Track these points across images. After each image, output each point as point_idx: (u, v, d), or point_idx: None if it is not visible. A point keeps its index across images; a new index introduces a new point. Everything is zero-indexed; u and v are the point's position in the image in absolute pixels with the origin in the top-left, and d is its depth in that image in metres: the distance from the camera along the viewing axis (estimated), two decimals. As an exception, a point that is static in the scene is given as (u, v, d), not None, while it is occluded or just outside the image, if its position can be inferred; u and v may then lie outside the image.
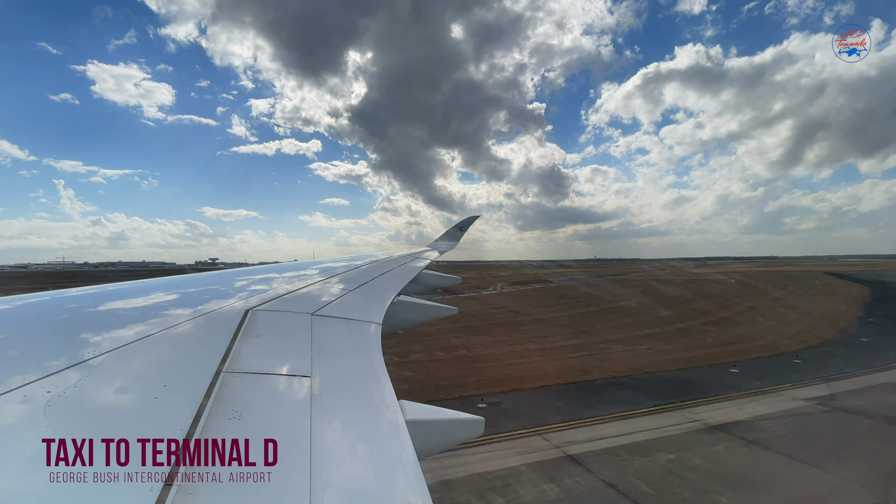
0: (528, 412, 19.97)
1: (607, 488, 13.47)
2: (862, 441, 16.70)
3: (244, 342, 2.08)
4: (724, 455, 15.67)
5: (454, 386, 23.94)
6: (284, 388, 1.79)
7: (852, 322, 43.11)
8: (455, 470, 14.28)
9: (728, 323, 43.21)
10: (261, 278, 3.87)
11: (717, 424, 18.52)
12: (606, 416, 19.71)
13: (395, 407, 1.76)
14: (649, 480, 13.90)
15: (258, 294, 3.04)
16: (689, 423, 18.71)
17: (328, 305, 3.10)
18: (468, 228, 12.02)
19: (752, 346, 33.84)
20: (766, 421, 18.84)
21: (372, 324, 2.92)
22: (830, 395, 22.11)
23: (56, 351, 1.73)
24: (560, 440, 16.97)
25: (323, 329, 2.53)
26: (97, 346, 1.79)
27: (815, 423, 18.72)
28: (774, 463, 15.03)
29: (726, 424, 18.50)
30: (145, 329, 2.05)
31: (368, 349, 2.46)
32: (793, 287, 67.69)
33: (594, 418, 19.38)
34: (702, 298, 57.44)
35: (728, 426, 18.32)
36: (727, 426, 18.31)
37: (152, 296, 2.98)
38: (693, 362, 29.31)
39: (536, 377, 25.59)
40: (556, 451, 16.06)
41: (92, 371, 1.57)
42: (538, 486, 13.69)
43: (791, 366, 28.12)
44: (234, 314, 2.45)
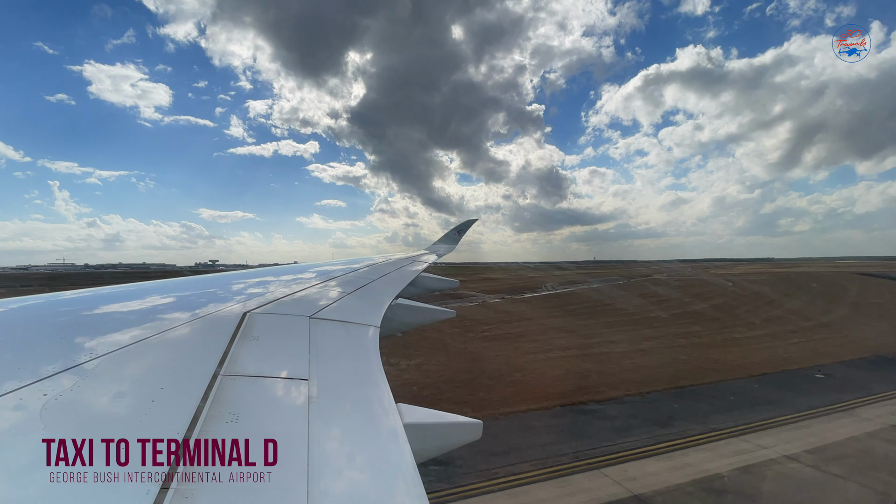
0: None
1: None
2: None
3: (242, 345, 2.08)
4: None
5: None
6: (282, 391, 1.79)
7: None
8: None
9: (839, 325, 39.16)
10: (258, 281, 3.88)
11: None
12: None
13: (392, 410, 1.76)
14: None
15: (256, 297, 3.04)
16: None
17: (326, 308, 3.10)
18: (466, 231, 12.07)
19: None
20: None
21: (370, 327, 2.92)
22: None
23: (53, 354, 1.73)
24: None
25: (321, 332, 2.53)
26: (94, 349, 1.79)
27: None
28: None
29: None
30: (142, 332, 2.05)
31: (366, 352, 2.45)
32: (854, 287, 64.02)
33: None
34: (788, 299, 54.08)
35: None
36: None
37: (149, 299, 2.97)
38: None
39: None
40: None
41: (89, 374, 1.57)
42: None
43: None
44: (232, 317, 2.45)
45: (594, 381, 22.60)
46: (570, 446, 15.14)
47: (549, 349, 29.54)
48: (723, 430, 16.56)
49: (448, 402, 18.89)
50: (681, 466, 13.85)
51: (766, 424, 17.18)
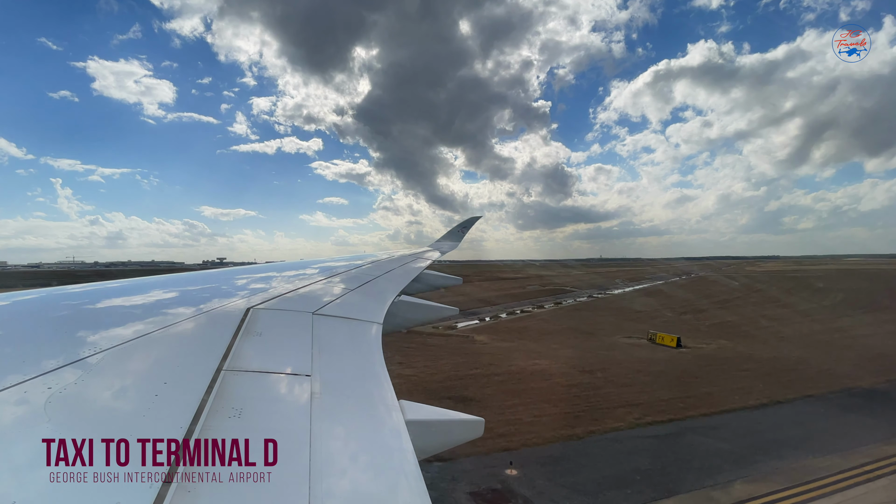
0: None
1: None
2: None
3: (245, 340, 2.08)
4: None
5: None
6: (285, 386, 1.79)
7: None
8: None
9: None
10: (262, 277, 3.90)
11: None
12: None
13: (395, 407, 1.76)
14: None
15: (259, 293, 3.05)
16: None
17: (329, 305, 3.11)
18: (470, 228, 12.05)
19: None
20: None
21: (373, 323, 2.92)
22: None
23: (57, 348, 1.74)
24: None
25: (324, 328, 2.53)
26: (98, 343, 1.80)
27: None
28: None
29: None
30: (146, 327, 2.06)
31: (369, 348, 2.45)
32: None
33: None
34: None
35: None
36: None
37: (153, 293, 2.99)
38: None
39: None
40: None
41: (93, 368, 1.58)
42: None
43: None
44: (235, 312, 2.46)
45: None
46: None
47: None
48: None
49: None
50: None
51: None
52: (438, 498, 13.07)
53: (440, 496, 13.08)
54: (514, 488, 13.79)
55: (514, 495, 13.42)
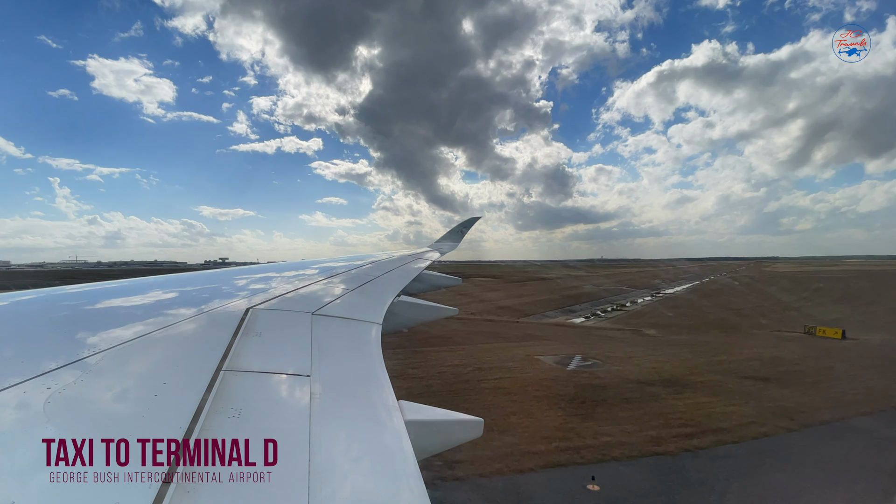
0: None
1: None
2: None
3: (244, 341, 2.09)
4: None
5: None
6: (284, 386, 1.79)
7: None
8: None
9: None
10: (261, 277, 3.90)
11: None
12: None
13: (394, 407, 1.76)
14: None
15: (259, 293, 3.05)
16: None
17: (329, 305, 3.11)
18: (470, 229, 12.04)
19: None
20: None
21: (373, 324, 2.92)
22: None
23: (56, 349, 1.75)
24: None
25: (323, 328, 2.54)
26: (97, 343, 1.80)
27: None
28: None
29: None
30: (145, 327, 2.06)
31: (369, 349, 2.45)
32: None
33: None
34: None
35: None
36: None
37: (152, 293, 2.99)
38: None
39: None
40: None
41: (92, 368, 1.59)
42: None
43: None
44: (235, 313, 2.47)
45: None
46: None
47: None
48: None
49: None
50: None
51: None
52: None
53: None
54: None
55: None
